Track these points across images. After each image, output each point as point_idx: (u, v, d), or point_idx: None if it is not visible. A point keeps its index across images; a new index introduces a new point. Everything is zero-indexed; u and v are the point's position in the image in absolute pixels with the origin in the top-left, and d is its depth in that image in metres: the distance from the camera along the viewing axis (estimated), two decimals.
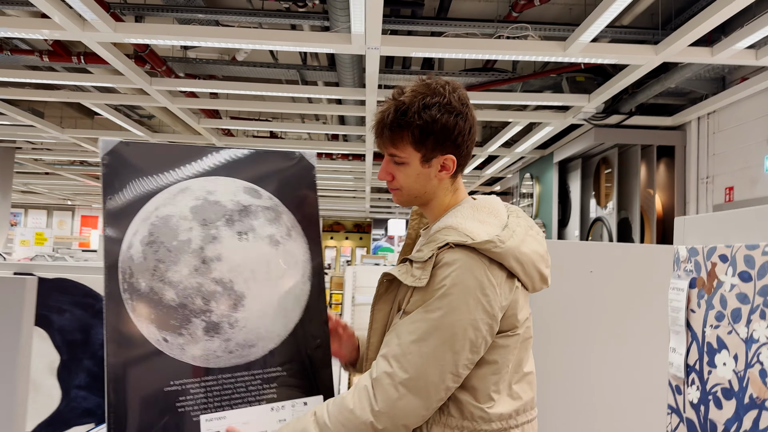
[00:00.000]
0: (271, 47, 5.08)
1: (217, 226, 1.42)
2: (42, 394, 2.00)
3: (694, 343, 1.00)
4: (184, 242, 1.38)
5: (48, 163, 12.89)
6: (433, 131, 1.33)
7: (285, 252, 1.46)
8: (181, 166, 1.46)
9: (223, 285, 1.38)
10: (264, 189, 1.50)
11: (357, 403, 1.20)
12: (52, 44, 5.70)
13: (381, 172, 1.40)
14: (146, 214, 1.40)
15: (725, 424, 0.90)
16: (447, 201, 1.43)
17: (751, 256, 0.87)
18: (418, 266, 1.26)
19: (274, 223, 1.47)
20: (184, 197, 1.42)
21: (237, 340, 1.38)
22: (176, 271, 1.36)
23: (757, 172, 5.75)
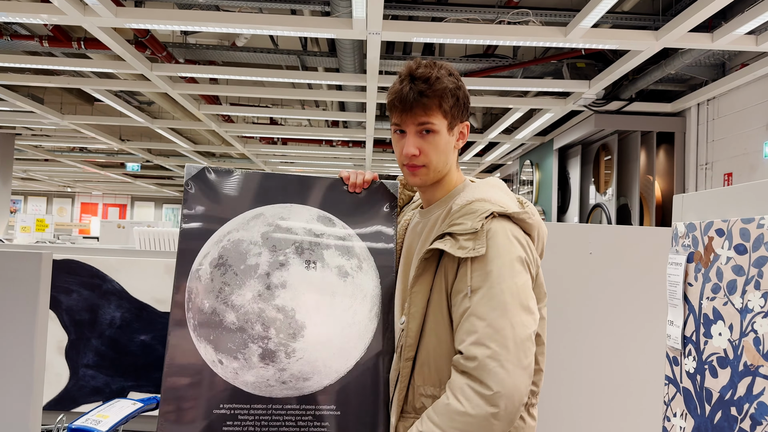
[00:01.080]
0: (271, 32, 5.08)
1: (286, 254, 1.40)
2: (51, 373, 2.05)
3: (691, 316, 1.03)
4: (251, 267, 1.38)
5: (48, 149, 12.89)
6: (458, 97, 1.36)
7: (353, 285, 1.41)
8: (259, 192, 1.47)
9: (285, 313, 1.36)
10: (339, 218, 1.47)
11: (467, 403, 1.16)
12: (52, 29, 5.69)
13: (409, 147, 1.34)
14: (219, 237, 1.42)
15: (720, 392, 0.93)
16: (456, 177, 1.44)
17: (746, 230, 0.90)
18: (467, 237, 1.24)
19: (345, 254, 1.43)
20: (256, 223, 1.43)
21: (292, 371, 1.35)
22: (240, 295, 1.37)
23: (756, 159, 5.77)
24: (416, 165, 1.36)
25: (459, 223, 1.27)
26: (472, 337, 1.19)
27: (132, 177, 16.76)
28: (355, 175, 1.51)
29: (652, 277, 2.03)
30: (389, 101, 1.37)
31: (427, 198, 1.46)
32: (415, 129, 1.34)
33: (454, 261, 1.27)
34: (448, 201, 1.41)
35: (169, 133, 10.05)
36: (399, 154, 1.38)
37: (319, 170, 14.96)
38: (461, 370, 1.19)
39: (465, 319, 1.22)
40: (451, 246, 1.24)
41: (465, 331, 1.21)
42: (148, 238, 3.22)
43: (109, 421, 1.45)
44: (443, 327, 1.28)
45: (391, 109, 1.36)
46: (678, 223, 1.11)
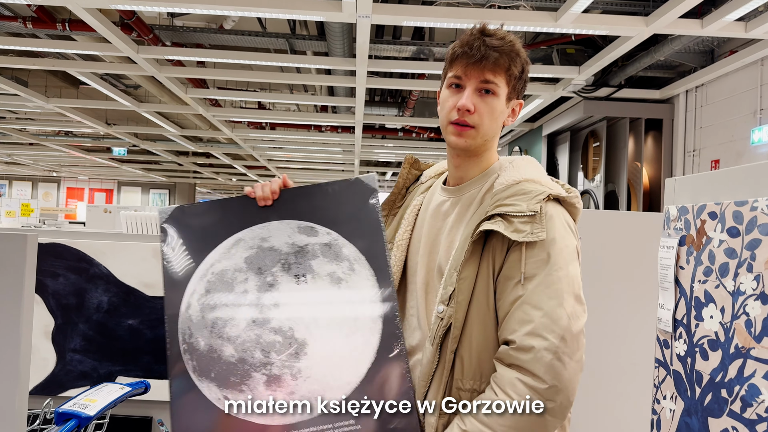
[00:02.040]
0: (259, 15, 5.02)
1: (273, 273, 1.35)
2: (37, 357, 2.03)
3: (682, 299, 1.03)
4: (239, 295, 1.33)
5: (32, 133, 12.72)
6: (524, 69, 1.29)
7: (349, 289, 1.34)
8: (236, 218, 1.41)
9: (283, 334, 1.30)
10: (320, 225, 1.39)
11: (519, 398, 1.09)
12: (35, 10, 5.58)
13: (466, 100, 1.24)
14: (203, 272, 1.37)
15: (711, 374, 0.93)
16: (493, 156, 1.36)
17: (739, 212, 0.90)
18: (524, 220, 1.16)
19: (334, 259, 1.35)
20: (237, 249, 1.38)
21: (302, 392, 1.27)
22: (234, 325, 1.31)
23: (742, 146, 5.81)
24: (467, 124, 1.25)
25: (511, 204, 1.19)
26: (526, 327, 1.11)
27: (118, 162, 16.59)
28: (260, 188, 1.40)
29: (642, 262, 2.04)
30: (452, 52, 1.27)
31: (460, 173, 1.34)
32: (476, 85, 1.25)
33: (503, 245, 1.19)
34: (484, 180, 1.32)
35: (156, 118, 9.95)
36: (449, 109, 1.27)
37: (308, 156, 14.89)
38: (510, 363, 1.12)
39: (517, 308, 1.14)
40: (506, 228, 1.16)
41: (518, 320, 1.13)
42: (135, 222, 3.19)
43: (96, 405, 1.44)
44: (489, 316, 1.20)
45: (454, 60, 1.26)
46: (670, 207, 1.11)
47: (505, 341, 1.16)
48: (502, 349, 1.14)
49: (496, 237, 1.18)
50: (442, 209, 1.35)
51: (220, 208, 1.44)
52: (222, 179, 20.75)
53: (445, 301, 1.21)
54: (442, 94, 1.32)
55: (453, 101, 1.27)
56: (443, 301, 1.21)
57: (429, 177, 1.49)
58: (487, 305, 1.19)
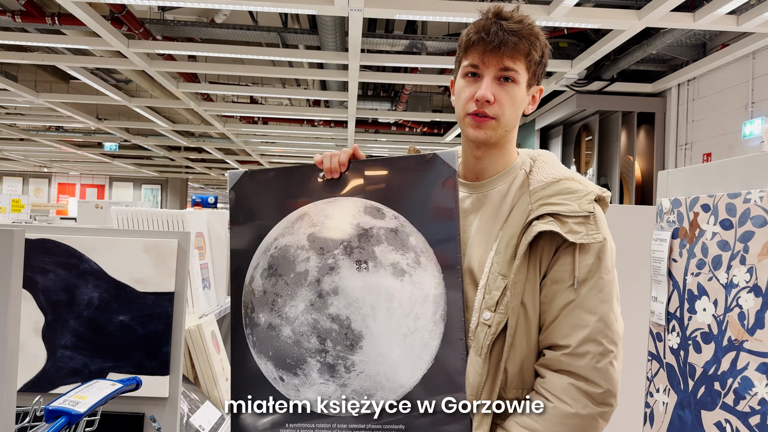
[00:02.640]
0: (250, 8, 4.99)
1: (335, 255, 1.26)
2: (27, 354, 2.00)
3: (675, 291, 1.03)
4: (300, 274, 1.27)
5: (23, 128, 12.62)
6: (544, 53, 1.21)
7: (412, 284, 1.22)
8: (302, 189, 1.33)
9: (339, 322, 1.23)
10: (388, 206, 1.27)
11: (576, 404, 1.07)
12: (24, 4, 5.53)
13: (486, 91, 1.15)
14: (266, 245, 1.32)
15: (704, 367, 0.93)
16: (514, 147, 1.28)
17: (732, 204, 0.90)
18: (578, 221, 1.12)
19: (399, 248, 1.24)
20: (301, 225, 1.30)
21: (354, 386, 1.22)
22: (293, 306, 1.27)
23: (734, 139, 5.83)
24: (487, 115, 1.17)
25: (560, 203, 1.14)
26: (582, 333, 1.09)
27: (110, 157, 16.49)
28: (329, 159, 1.29)
29: (635, 255, 2.04)
30: (467, 38, 1.18)
31: (482, 167, 1.25)
32: (495, 73, 1.16)
33: (552, 246, 1.14)
34: (510, 175, 1.25)
35: (147, 112, 9.89)
36: (466, 100, 1.19)
37: (300, 150, 14.86)
38: (561, 369, 1.10)
39: (569, 312, 1.11)
40: (561, 229, 1.11)
41: (571, 325, 1.10)
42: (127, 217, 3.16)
43: (87, 402, 1.42)
44: (533, 321, 1.15)
45: (469, 47, 1.18)
46: (663, 199, 1.11)
47: (553, 346, 1.12)
48: (552, 355, 1.11)
49: (544, 238, 1.13)
50: (464, 206, 1.26)
51: (289, 176, 1.36)
52: (214, 174, 20.67)
53: (492, 307, 1.14)
54: (457, 83, 1.23)
55: (470, 91, 1.18)
56: (489, 308, 1.14)
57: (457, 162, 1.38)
58: (534, 310, 1.14)
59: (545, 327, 1.14)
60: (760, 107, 5.50)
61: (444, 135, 11.24)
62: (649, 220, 2.07)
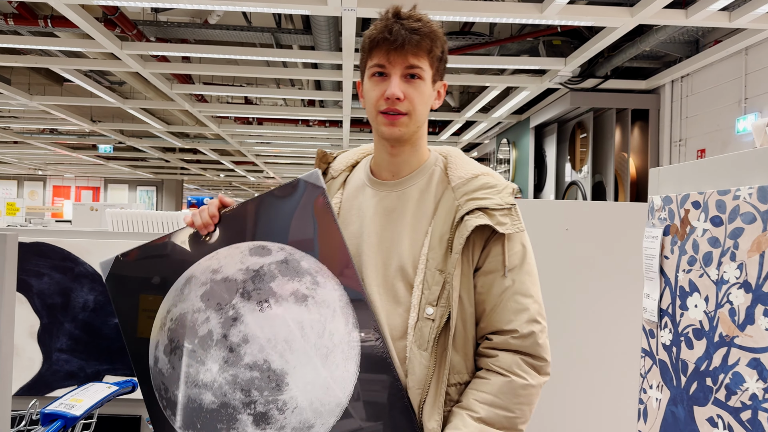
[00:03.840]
0: (244, 9, 4.98)
1: (234, 305, 1.24)
2: (23, 358, 2.01)
3: (667, 288, 1.04)
4: (205, 336, 1.24)
5: (17, 131, 12.57)
6: (444, 49, 1.26)
7: (317, 305, 1.22)
8: (180, 256, 1.31)
9: (259, 368, 1.21)
10: (271, 241, 1.27)
11: (528, 376, 1.16)
12: (17, 6, 5.51)
13: (395, 88, 1.19)
14: (161, 321, 1.29)
15: (696, 363, 0.94)
16: (426, 144, 1.33)
17: (722, 201, 0.90)
18: (504, 213, 1.19)
19: (294, 276, 1.24)
20: (191, 288, 1.28)
21: (293, 424, 1.20)
22: (207, 370, 1.23)
23: (728, 135, 5.85)
24: (399, 112, 1.21)
25: (484, 197, 1.20)
26: (524, 316, 1.18)
27: (105, 159, 16.45)
28: (198, 216, 1.30)
29: (628, 252, 2.04)
30: (371, 39, 1.22)
31: (397, 165, 1.29)
32: (401, 71, 1.20)
33: (482, 238, 1.21)
34: (427, 171, 1.29)
35: (142, 114, 9.86)
36: (376, 99, 1.22)
37: (296, 150, 14.84)
38: (512, 349, 1.18)
39: (509, 299, 1.19)
40: (491, 221, 1.17)
41: (512, 310, 1.19)
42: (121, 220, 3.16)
43: (83, 405, 1.42)
44: (469, 311, 1.22)
45: (374, 47, 1.21)
46: (654, 197, 1.11)
47: (499, 331, 1.19)
48: (500, 339, 1.18)
49: (474, 231, 1.19)
50: (385, 205, 1.28)
51: (162, 247, 1.34)
52: (210, 175, 20.64)
53: (433, 302, 1.17)
54: (364, 85, 1.27)
55: (379, 90, 1.22)
56: (431, 303, 1.18)
57: (339, 171, 1.40)
58: (469, 300, 1.21)
59: (486, 314, 1.21)
60: (753, 103, 5.52)
61: (439, 133, 11.24)
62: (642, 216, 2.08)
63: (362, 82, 1.29)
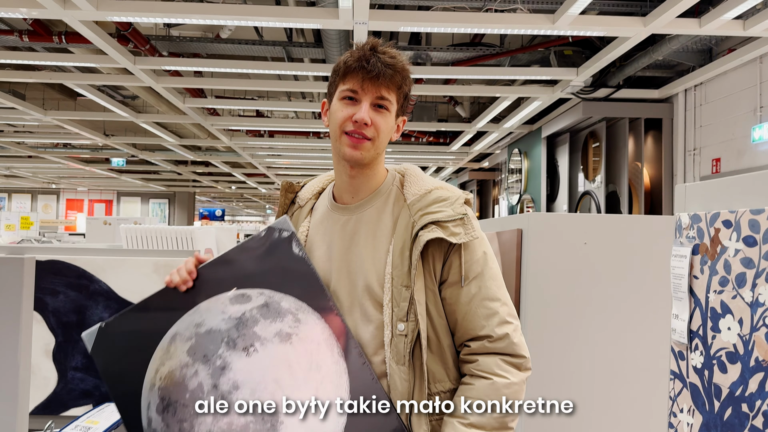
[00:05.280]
0: (256, 23, 5.01)
1: (221, 355, 1.27)
2: (38, 377, 2.00)
3: (698, 309, 1.01)
4: (195, 390, 1.26)
5: (31, 146, 12.70)
6: (410, 90, 1.34)
7: (301, 341, 1.27)
8: (162, 315, 1.35)
9: (252, 413, 1.23)
10: (248, 287, 1.33)
11: (509, 375, 1.22)
12: (32, 23, 5.57)
13: (364, 114, 1.26)
14: (150, 382, 1.31)
15: (730, 387, 0.91)
16: (383, 167, 1.40)
17: (756, 221, 0.88)
18: (456, 224, 1.24)
19: (276, 317, 1.29)
20: (176, 345, 1.31)
21: None
22: (201, 423, 1.24)
23: (743, 143, 5.79)
24: (365, 136, 1.27)
25: (437, 210, 1.26)
26: (495, 320, 1.24)
27: (117, 172, 16.57)
28: (176, 274, 1.36)
29: (650, 267, 2.01)
30: (347, 65, 1.28)
31: (356, 187, 1.35)
32: (371, 100, 1.27)
33: (441, 251, 1.26)
34: (384, 192, 1.35)
35: (154, 128, 9.93)
36: (342, 120, 1.28)
37: (306, 162, 14.88)
38: (490, 352, 1.23)
39: (478, 306, 1.25)
40: (444, 233, 1.23)
41: (483, 316, 1.24)
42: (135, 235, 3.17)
43: (99, 428, 1.41)
44: (440, 322, 1.27)
45: (348, 73, 1.27)
46: (681, 214, 1.09)
47: (475, 337, 1.25)
48: (477, 345, 1.24)
49: (432, 245, 1.24)
50: (347, 228, 1.34)
51: (143, 309, 1.37)
52: (221, 187, 20.73)
53: (403, 318, 1.24)
54: (333, 105, 1.32)
55: (348, 112, 1.28)
56: (401, 319, 1.24)
57: (306, 199, 1.46)
58: (438, 312, 1.27)
59: (459, 324, 1.26)
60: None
61: (450, 144, 11.22)
62: (663, 230, 2.04)
63: (328, 102, 1.36)
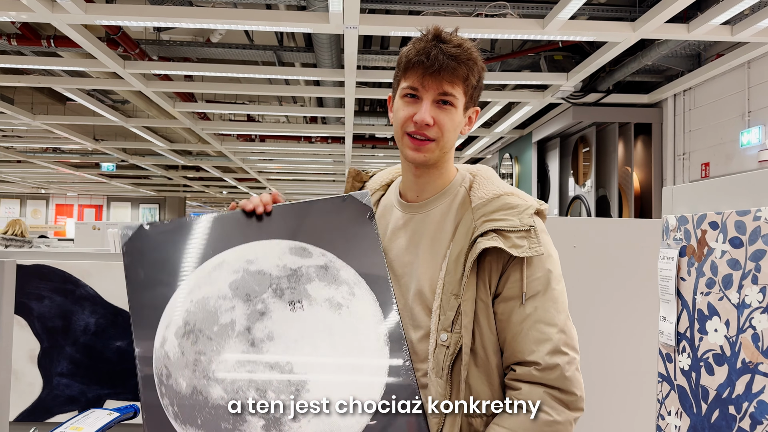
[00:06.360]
0: (246, 27, 5.00)
1: (264, 300, 1.18)
2: (23, 383, 1.97)
3: (685, 311, 1.01)
4: (226, 326, 1.16)
5: (20, 150, 12.61)
6: (481, 76, 1.22)
7: (351, 316, 1.18)
8: (214, 237, 1.26)
9: (280, 369, 1.14)
10: (314, 245, 1.24)
11: (554, 412, 1.08)
12: (20, 27, 5.53)
13: (425, 114, 1.16)
14: (179, 300, 1.21)
15: (717, 389, 0.90)
16: (453, 166, 1.28)
17: (742, 222, 0.88)
18: (520, 235, 1.13)
19: (332, 283, 1.20)
20: (220, 273, 1.21)
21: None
22: (221, 362, 1.15)
23: (732, 148, 5.82)
24: (427, 137, 1.18)
25: (502, 218, 1.15)
26: (546, 346, 1.11)
27: (107, 177, 16.47)
28: (253, 199, 1.29)
29: (638, 270, 2.01)
30: (407, 59, 1.19)
31: (422, 186, 1.26)
32: (434, 97, 1.17)
33: (499, 262, 1.15)
34: (451, 192, 1.26)
35: (145, 132, 9.88)
36: (404, 121, 1.19)
37: (298, 167, 14.84)
38: (537, 382, 1.10)
39: (530, 327, 1.12)
40: (504, 244, 1.12)
41: (534, 340, 1.11)
42: None
43: None
44: (490, 338, 1.16)
45: (409, 68, 1.18)
46: (668, 216, 1.09)
47: (522, 362, 1.12)
48: (524, 371, 1.11)
49: (491, 255, 1.14)
50: (408, 228, 1.26)
51: (194, 226, 1.28)
52: (212, 192, 20.65)
53: (448, 328, 1.14)
54: (395, 103, 1.24)
55: (409, 112, 1.19)
56: (445, 329, 1.14)
57: (374, 190, 1.38)
58: (489, 326, 1.15)
59: (508, 343, 1.15)
60: (757, 116, 5.50)
61: None
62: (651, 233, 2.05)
63: (393, 98, 1.27)
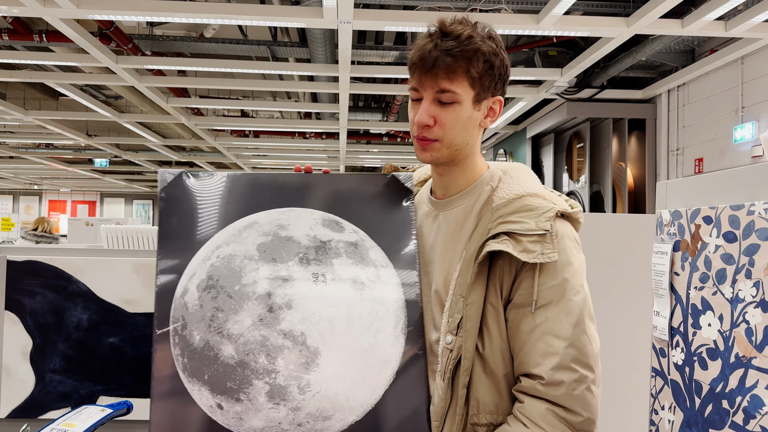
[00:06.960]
0: (240, 22, 4.97)
1: (289, 267, 1.17)
2: (15, 380, 1.96)
3: (678, 306, 1.01)
4: (247, 286, 1.16)
5: (12, 146, 12.54)
6: (493, 64, 1.14)
7: (372, 298, 1.16)
8: (250, 197, 1.25)
9: (293, 339, 1.13)
10: (347, 221, 1.23)
11: (553, 430, 1.02)
12: (11, 21, 5.49)
13: (422, 115, 1.13)
14: (206, 253, 1.20)
15: (711, 384, 0.90)
16: (481, 163, 1.23)
17: (735, 216, 0.87)
18: (534, 240, 1.06)
19: (359, 261, 1.19)
20: (250, 233, 1.21)
21: (308, 409, 1.11)
22: (237, 322, 1.14)
23: (725, 143, 5.84)
24: (428, 138, 1.14)
25: (517, 221, 1.09)
26: (552, 360, 1.04)
27: (101, 173, 16.41)
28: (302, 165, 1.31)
29: (632, 265, 2.01)
30: (410, 59, 1.16)
31: (445, 184, 1.22)
32: (432, 95, 1.13)
33: (512, 267, 1.09)
34: (476, 191, 1.21)
35: (138, 128, 9.84)
36: (411, 123, 1.17)
37: (293, 163, 14.82)
38: (539, 396, 1.04)
39: (538, 339, 1.06)
40: (513, 248, 1.06)
41: (541, 352, 1.05)
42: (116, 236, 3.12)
43: (75, 430, 1.38)
44: (500, 345, 1.10)
45: (411, 69, 1.15)
46: (662, 211, 1.08)
47: (528, 374, 1.07)
48: (528, 383, 1.06)
49: (503, 258, 1.09)
50: (434, 225, 1.23)
51: (233, 182, 1.28)
52: None
53: (453, 330, 1.09)
54: (409, 104, 1.22)
55: (412, 115, 1.17)
56: (451, 331, 1.09)
57: (413, 185, 1.35)
58: (499, 333, 1.10)
59: (516, 353, 1.09)
60: (750, 112, 5.52)
61: None
62: (645, 228, 2.05)
63: None
